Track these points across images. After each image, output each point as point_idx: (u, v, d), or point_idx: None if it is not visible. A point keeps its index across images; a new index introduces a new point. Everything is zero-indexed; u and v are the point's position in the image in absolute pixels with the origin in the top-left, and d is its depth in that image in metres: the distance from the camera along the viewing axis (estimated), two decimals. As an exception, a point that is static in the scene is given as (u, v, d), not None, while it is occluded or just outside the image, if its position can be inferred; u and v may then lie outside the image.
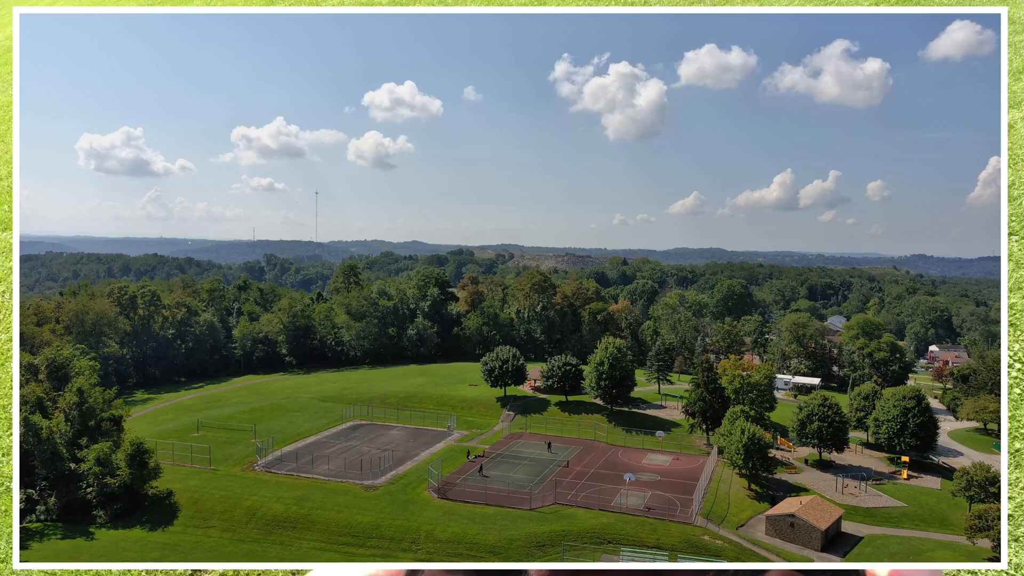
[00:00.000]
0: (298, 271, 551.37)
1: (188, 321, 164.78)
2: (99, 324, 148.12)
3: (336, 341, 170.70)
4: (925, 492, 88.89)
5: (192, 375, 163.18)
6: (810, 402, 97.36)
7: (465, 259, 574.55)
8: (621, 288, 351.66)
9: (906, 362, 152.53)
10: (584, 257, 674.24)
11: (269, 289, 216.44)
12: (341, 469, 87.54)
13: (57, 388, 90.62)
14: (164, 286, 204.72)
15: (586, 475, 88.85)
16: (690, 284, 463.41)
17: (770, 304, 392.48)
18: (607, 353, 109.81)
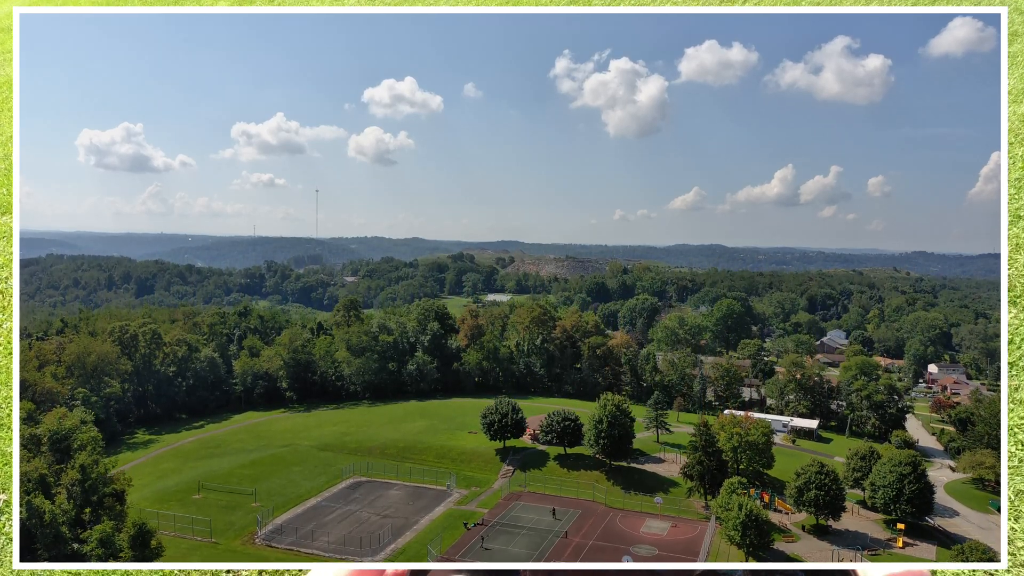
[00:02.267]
0: (298, 279, 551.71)
1: (189, 358, 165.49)
2: (101, 365, 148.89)
3: (336, 376, 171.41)
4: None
5: (193, 412, 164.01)
6: (808, 469, 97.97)
7: (465, 266, 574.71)
8: (621, 304, 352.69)
9: (902, 407, 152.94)
10: (584, 262, 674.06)
11: (270, 316, 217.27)
12: (340, 543, 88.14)
13: (60, 461, 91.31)
14: (165, 315, 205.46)
15: (584, 548, 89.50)
16: (691, 294, 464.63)
17: (770, 316, 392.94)
18: (606, 411, 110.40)
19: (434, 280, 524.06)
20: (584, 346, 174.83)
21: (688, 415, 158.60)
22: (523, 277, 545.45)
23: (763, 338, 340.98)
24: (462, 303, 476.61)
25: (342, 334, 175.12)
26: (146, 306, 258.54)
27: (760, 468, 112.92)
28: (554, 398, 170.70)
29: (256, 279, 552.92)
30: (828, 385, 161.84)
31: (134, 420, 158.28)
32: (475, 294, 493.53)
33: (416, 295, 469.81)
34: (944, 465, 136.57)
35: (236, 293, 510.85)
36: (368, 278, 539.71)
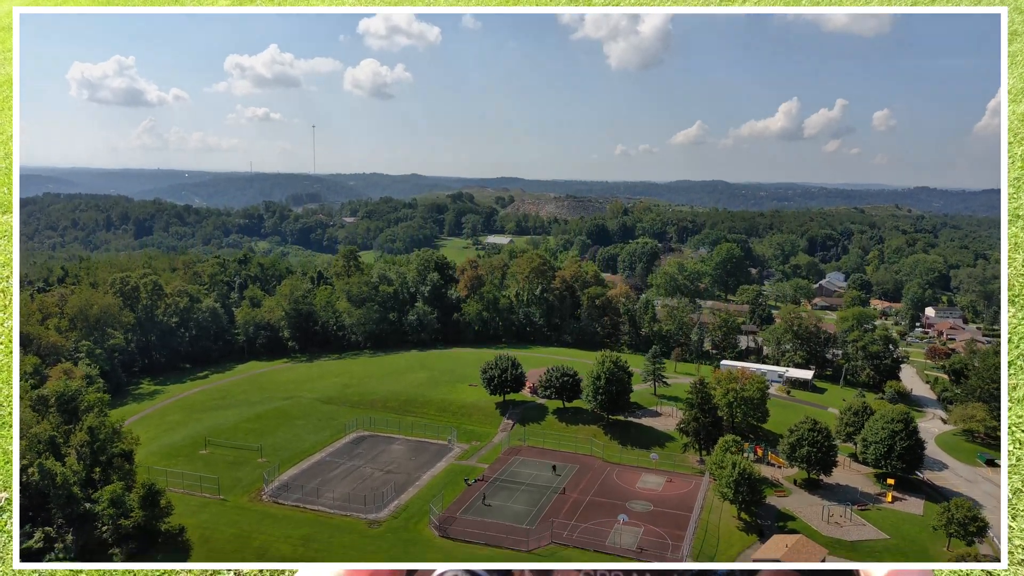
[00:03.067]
0: (297, 219, 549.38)
1: (190, 308, 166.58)
2: (103, 318, 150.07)
3: (338, 326, 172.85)
4: (908, 520, 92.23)
5: (197, 362, 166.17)
6: (801, 426, 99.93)
7: (465, 207, 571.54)
8: (621, 247, 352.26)
9: (898, 357, 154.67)
10: (585, 201, 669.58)
11: (270, 264, 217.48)
12: (345, 500, 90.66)
13: (67, 421, 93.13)
14: (165, 263, 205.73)
15: (582, 504, 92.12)
16: (691, 235, 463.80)
17: (769, 259, 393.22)
18: (604, 368, 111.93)
19: (433, 221, 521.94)
20: (583, 296, 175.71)
21: (686, 365, 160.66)
22: (523, 218, 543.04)
23: (762, 280, 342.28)
24: (462, 245, 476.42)
25: (342, 284, 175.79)
26: (146, 252, 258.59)
27: (755, 422, 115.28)
28: (553, 348, 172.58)
29: (255, 219, 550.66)
30: (825, 335, 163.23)
31: (139, 370, 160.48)
32: (475, 235, 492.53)
33: (415, 237, 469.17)
34: (936, 416, 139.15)
35: (235, 234, 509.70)
36: (367, 219, 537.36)
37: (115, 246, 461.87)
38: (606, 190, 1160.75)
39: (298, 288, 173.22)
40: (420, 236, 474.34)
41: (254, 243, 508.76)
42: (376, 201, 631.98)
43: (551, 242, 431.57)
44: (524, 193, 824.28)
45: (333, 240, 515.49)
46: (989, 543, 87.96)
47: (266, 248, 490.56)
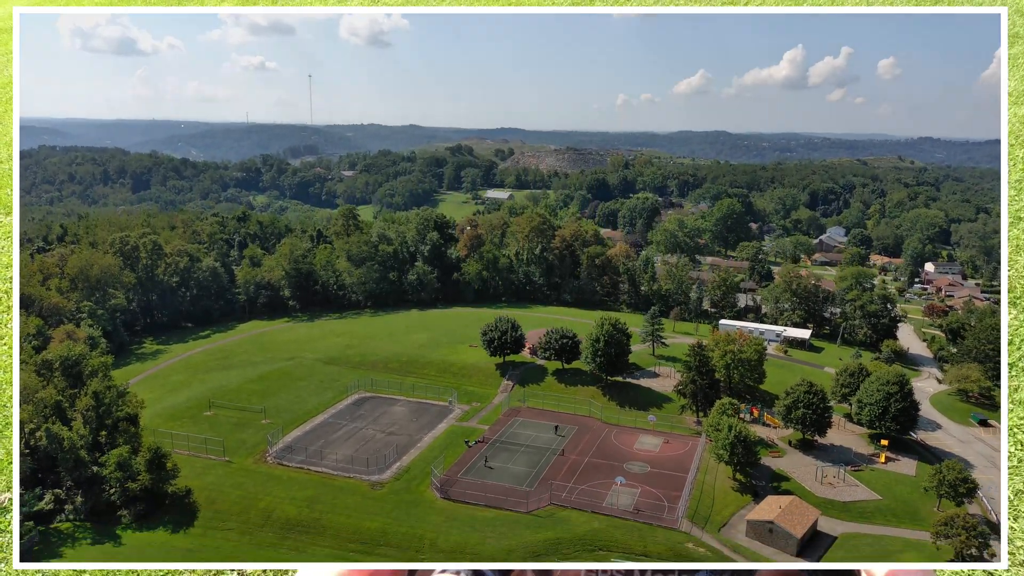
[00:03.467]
0: (295, 173, 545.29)
1: (191, 268, 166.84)
2: (104, 278, 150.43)
3: (338, 285, 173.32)
4: (900, 481, 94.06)
5: (198, 321, 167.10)
6: (797, 388, 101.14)
7: (464, 160, 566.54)
8: (621, 203, 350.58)
9: (895, 316, 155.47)
10: (585, 153, 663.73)
11: (269, 221, 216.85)
12: (348, 461, 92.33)
13: (72, 386, 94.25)
14: (164, 220, 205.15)
15: (580, 466, 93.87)
16: (692, 189, 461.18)
17: (770, 213, 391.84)
18: (603, 331, 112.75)
19: (432, 175, 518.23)
20: (583, 255, 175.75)
21: (684, 325, 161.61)
22: (522, 172, 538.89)
23: (762, 236, 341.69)
24: (461, 199, 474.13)
25: (342, 244, 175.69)
26: (144, 210, 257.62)
27: (751, 383, 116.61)
28: (553, 307, 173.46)
29: (252, 173, 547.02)
30: (824, 293, 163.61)
31: (141, 329, 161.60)
32: (474, 190, 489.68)
33: (414, 192, 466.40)
34: (932, 375, 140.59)
35: (233, 188, 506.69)
36: (366, 173, 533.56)
37: (113, 201, 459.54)
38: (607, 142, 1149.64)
39: (298, 247, 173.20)
40: (419, 191, 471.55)
41: (252, 197, 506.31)
42: (374, 154, 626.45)
43: (551, 197, 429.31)
44: (524, 145, 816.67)
45: (332, 194, 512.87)
46: (978, 503, 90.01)
47: (264, 203, 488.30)
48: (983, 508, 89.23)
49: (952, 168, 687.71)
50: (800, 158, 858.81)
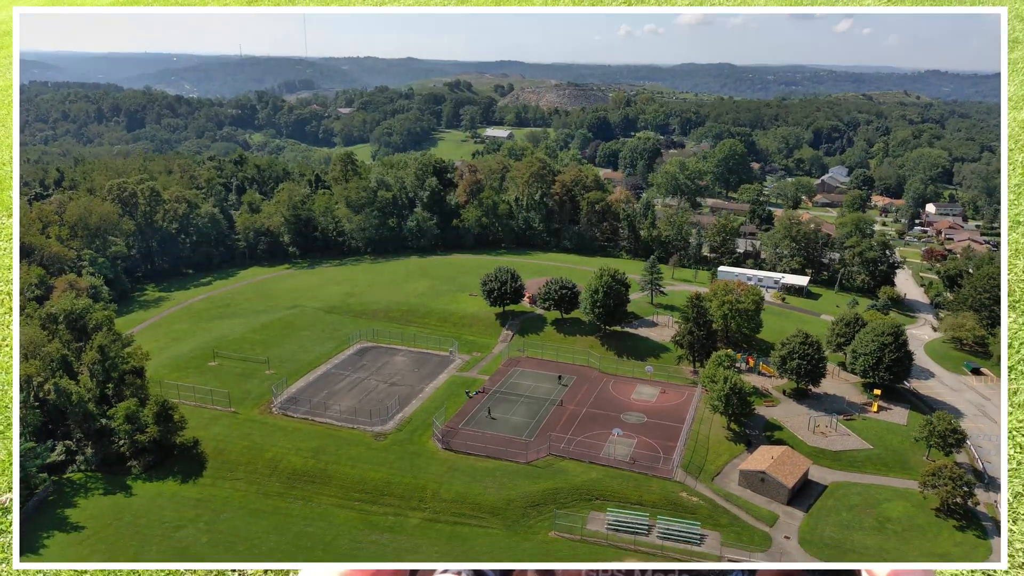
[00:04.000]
0: (291, 111, 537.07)
1: (190, 214, 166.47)
2: (103, 225, 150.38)
3: (337, 232, 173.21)
4: (891, 430, 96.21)
5: (199, 267, 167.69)
6: (792, 339, 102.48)
7: (463, 96, 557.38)
8: (622, 143, 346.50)
9: (894, 263, 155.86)
10: (586, 89, 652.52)
11: (266, 164, 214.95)
12: (351, 413, 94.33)
13: (77, 339, 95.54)
14: (160, 164, 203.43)
15: (579, 416, 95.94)
16: (695, 127, 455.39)
17: (773, 153, 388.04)
18: (602, 282, 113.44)
19: (431, 113, 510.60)
20: (583, 201, 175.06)
21: (683, 271, 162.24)
22: (522, 109, 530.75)
23: (764, 176, 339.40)
24: (460, 138, 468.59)
25: (341, 190, 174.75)
26: (140, 153, 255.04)
27: (748, 332, 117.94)
28: (552, 253, 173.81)
29: (248, 110, 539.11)
30: (823, 238, 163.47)
31: (142, 275, 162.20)
32: (473, 128, 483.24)
33: (412, 130, 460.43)
34: (927, 322, 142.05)
35: (228, 127, 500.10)
36: (363, 110, 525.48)
37: (108, 139, 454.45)
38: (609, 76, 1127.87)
39: (296, 193, 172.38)
40: (417, 129, 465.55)
41: (248, 136, 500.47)
42: (371, 90, 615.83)
43: (551, 136, 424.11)
44: (524, 80, 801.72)
45: (329, 132, 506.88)
46: (967, 451, 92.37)
47: (261, 141, 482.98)
48: (971, 456, 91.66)
49: (958, 103, 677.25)
50: (805, 92, 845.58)
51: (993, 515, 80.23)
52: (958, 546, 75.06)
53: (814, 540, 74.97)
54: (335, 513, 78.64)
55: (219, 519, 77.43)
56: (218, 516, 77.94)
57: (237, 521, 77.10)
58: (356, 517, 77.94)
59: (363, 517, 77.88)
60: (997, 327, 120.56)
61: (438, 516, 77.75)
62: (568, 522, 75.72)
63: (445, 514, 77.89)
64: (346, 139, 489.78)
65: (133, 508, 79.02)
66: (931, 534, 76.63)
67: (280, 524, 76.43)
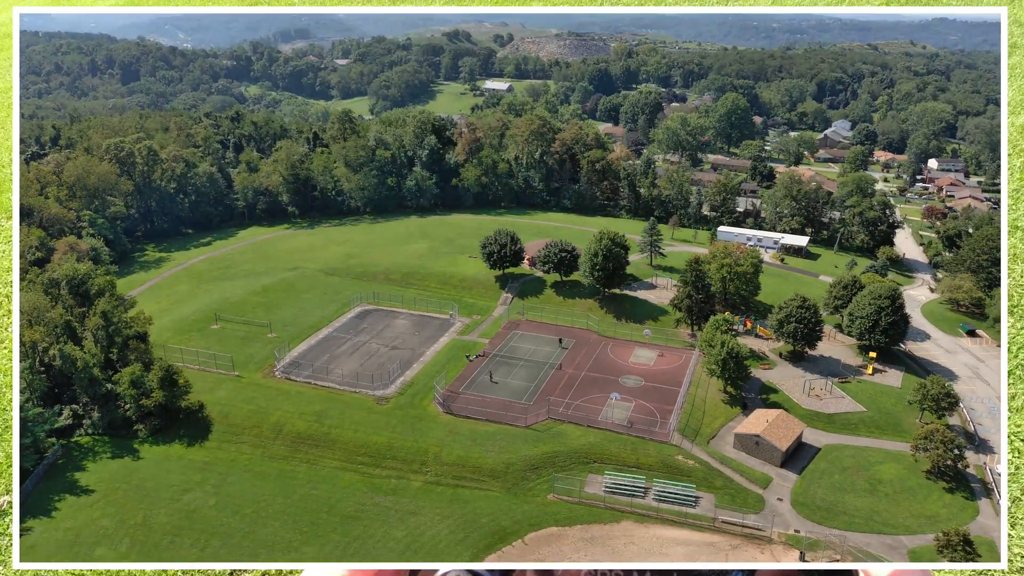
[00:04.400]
0: (287, 62, 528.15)
1: (188, 174, 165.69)
2: (102, 186, 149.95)
3: (336, 192, 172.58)
4: (886, 392, 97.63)
5: (198, 227, 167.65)
6: (790, 303, 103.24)
7: (461, 47, 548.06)
8: (624, 97, 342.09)
9: (894, 222, 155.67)
10: (587, 39, 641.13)
11: (263, 121, 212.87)
12: (354, 376, 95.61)
13: (80, 304, 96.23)
14: (157, 122, 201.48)
15: (577, 380, 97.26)
16: (697, 79, 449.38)
17: (776, 106, 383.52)
18: (601, 245, 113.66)
19: (429, 65, 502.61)
20: (583, 160, 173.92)
21: (683, 231, 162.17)
22: (522, 60, 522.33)
23: (766, 130, 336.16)
24: (459, 90, 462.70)
25: (339, 149, 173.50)
26: (136, 110, 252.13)
27: (746, 295, 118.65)
28: (552, 213, 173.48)
29: (243, 61, 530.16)
30: (824, 196, 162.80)
31: (142, 235, 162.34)
32: (472, 80, 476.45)
33: (411, 83, 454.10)
34: (925, 282, 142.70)
35: (224, 79, 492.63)
36: (360, 62, 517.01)
37: (103, 93, 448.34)
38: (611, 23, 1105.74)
39: (294, 152, 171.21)
40: (415, 82, 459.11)
41: (244, 88, 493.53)
42: (368, 41, 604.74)
43: (552, 89, 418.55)
44: (524, 29, 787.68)
45: (326, 85, 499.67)
46: (959, 414, 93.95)
47: (257, 94, 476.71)
48: (963, 419, 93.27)
49: (965, 53, 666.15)
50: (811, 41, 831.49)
51: (982, 477, 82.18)
52: (947, 508, 77.03)
53: (806, 502, 76.89)
54: (339, 476, 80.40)
55: (226, 482, 79.21)
56: (225, 479, 79.70)
57: (244, 484, 78.88)
58: (360, 480, 79.71)
59: (367, 480, 79.66)
60: (994, 289, 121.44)
61: (440, 479, 79.52)
62: (566, 485, 77.55)
63: (446, 477, 79.65)
64: (343, 92, 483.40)
65: (141, 471, 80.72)
66: (921, 496, 78.53)
67: (286, 487, 78.23)
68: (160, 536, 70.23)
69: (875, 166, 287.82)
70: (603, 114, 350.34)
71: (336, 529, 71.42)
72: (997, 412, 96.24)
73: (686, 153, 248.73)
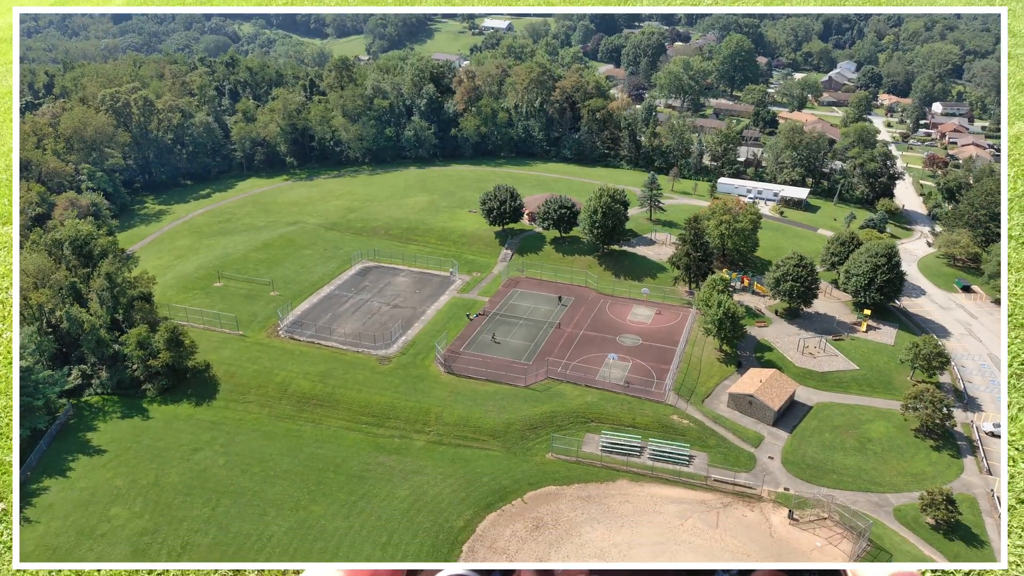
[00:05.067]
0: None
1: (184, 125, 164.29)
2: (99, 138, 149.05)
3: (335, 142, 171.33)
4: (878, 350, 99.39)
5: (197, 178, 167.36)
6: (787, 261, 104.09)
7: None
8: (625, 39, 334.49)
9: (894, 174, 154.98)
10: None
11: (258, 67, 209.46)
12: (356, 336, 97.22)
13: (84, 265, 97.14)
14: (151, 68, 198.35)
15: (576, 339, 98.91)
16: (701, 16, 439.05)
17: (781, 46, 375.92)
18: (600, 202, 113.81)
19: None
20: (584, 109, 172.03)
21: (684, 183, 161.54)
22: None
23: (771, 72, 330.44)
24: (457, 29, 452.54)
25: (336, 98, 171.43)
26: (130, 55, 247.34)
27: (745, 251, 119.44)
28: (552, 163, 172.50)
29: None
30: (825, 147, 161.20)
31: (140, 186, 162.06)
32: (471, 18, 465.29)
33: (408, 20, 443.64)
34: (923, 235, 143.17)
35: (216, 18, 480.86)
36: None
37: (94, 32, 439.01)
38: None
39: (291, 102, 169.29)
40: (412, 20, 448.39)
41: (238, 26, 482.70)
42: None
43: (552, 28, 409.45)
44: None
45: (320, 22, 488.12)
46: (950, 372, 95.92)
47: (250, 32, 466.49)
48: (953, 376, 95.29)
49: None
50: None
51: (969, 435, 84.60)
52: (932, 466, 79.57)
53: (796, 460, 79.41)
54: (344, 436, 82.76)
55: (234, 441, 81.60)
56: (233, 438, 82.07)
57: (252, 443, 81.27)
58: (364, 439, 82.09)
59: (371, 439, 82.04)
60: (991, 244, 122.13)
61: (441, 439, 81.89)
62: (564, 444, 79.94)
63: (448, 436, 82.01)
64: (339, 30, 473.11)
65: (151, 431, 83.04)
66: (908, 454, 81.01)
67: (292, 446, 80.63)
68: (172, 495, 72.81)
69: (879, 110, 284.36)
70: (604, 55, 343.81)
71: (343, 488, 74.01)
72: (987, 368, 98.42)
73: (688, 98, 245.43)
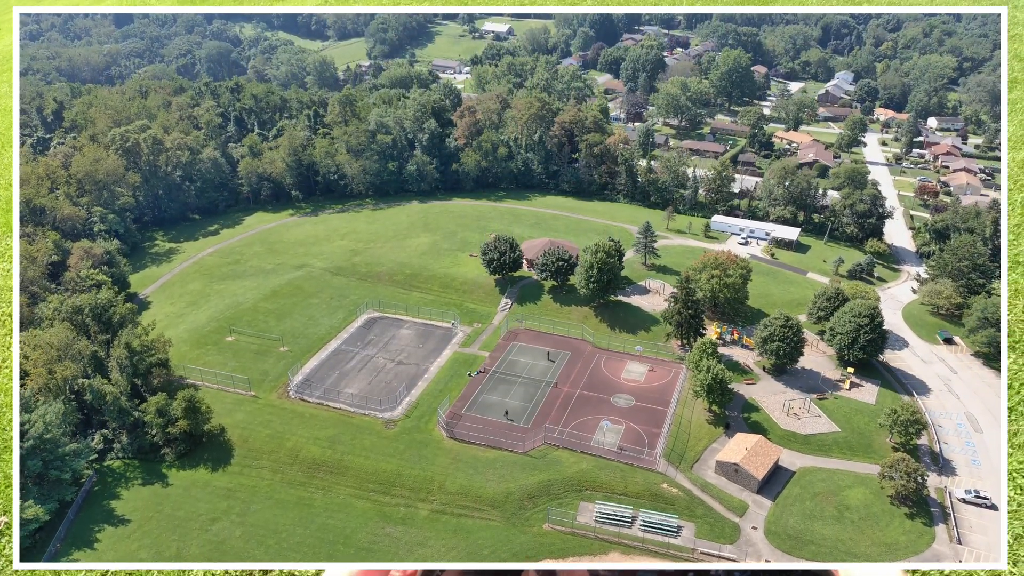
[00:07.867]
0: None
1: (192, 162, 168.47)
2: (109, 179, 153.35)
3: (339, 176, 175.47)
4: (860, 410, 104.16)
5: (205, 212, 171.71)
6: (773, 322, 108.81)
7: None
8: (624, 51, 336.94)
9: (883, 213, 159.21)
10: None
11: (263, 93, 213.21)
12: (363, 398, 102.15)
13: (103, 331, 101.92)
14: (159, 98, 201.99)
15: (572, 399, 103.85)
16: (702, 20, 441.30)
17: (779, 54, 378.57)
18: (596, 258, 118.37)
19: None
20: (582, 143, 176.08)
21: (679, 219, 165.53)
22: None
23: (768, 83, 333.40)
24: (457, 32, 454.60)
25: (341, 133, 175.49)
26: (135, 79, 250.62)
27: (736, 302, 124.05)
28: (551, 196, 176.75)
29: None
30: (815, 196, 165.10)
31: (149, 221, 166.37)
32: (471, 21, 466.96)
33: (408, 24, 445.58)
34: (911, 277, 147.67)
35: (218, 21, 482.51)
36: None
37: (97, 37, 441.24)
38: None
39: (297, 138, 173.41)
40: (413, 24, 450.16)
41: (239, 29, 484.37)
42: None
43: (552, 34, 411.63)
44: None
45: (322, 24, 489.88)
46: (927, 433, 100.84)
47: (252, 36, 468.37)
48: (930, 438, 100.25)
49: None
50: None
51: (942, 501, 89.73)
52: (906, 535, 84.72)
53: (778, 531, 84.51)
54: (353, 504, 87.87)
55: (249, 511, 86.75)
56: (248, 507, 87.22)
57: (266, 513, 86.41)
58: (371, 508, 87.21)
59: (378, 508, 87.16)
60: (973, 296, 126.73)
61: (444, 508, 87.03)
62: (560, 515, 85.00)
63: (451, 506, 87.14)
64: (340, 33, 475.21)
65: (171, 499, 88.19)
66: (884, 523, 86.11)
67: (304, 516, 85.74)
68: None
69: (875, 125, 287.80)
70: (604, 65, 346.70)
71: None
72: (963, 428, 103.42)
73: (685, 118, 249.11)
